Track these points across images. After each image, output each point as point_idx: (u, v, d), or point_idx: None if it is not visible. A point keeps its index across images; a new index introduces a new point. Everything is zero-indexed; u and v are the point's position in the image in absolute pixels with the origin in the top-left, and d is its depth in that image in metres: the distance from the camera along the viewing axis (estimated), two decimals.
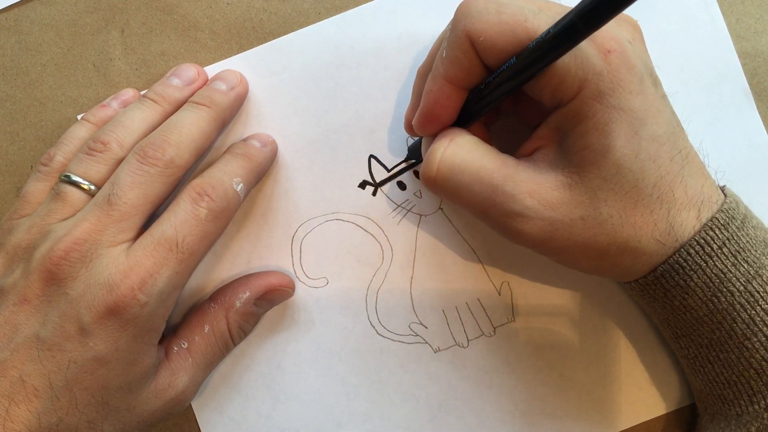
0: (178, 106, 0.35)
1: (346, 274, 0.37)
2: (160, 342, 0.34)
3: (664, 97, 0.30)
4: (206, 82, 0.37)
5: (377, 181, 0.37)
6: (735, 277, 0.29)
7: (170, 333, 0.35)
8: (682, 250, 0.29)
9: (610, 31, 0.28)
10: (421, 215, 0.37)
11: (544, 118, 0.30)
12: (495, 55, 0.28)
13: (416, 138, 0.37)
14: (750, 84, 0.37)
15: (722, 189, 0.31)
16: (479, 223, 0.37)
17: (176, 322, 0.36)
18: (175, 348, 0.34)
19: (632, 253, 0.29)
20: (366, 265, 0.37)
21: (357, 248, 0.37)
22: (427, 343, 0.37)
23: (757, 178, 0.37)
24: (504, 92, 0.29)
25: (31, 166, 0.38)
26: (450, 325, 0.37)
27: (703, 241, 0.29)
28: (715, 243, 0.29)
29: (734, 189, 0.32)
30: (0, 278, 0.32)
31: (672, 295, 0.30)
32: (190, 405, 0.38)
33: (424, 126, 0.31)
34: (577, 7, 0.24)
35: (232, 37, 0.38)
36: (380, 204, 0.37)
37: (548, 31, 0.26)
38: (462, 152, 0.30)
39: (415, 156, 0.37)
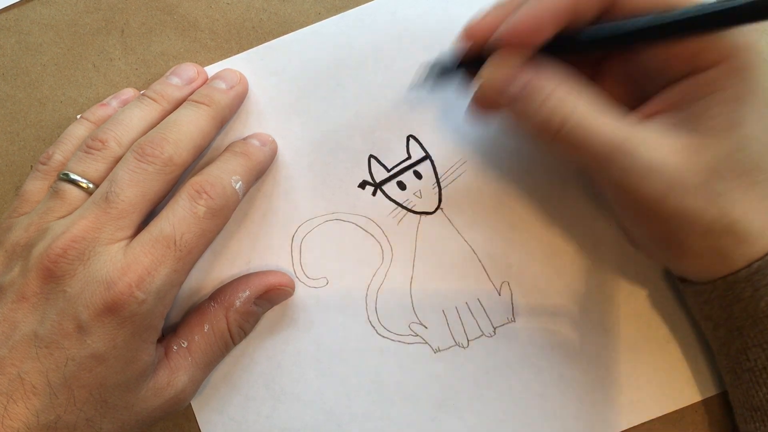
0: (178, 105, 0.35)
1: (346, 274, 0.37)
2: (160, 341, 0.34)
3: None
4: (206, 81, 0.37)
5: (377, 181, 0.37)
6: None
7: (170, 332, 0.35)
8: None
9: None
10: (421, 215, 0.37)
11: (636, 87, 0.29)
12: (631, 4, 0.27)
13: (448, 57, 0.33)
14: None
15: None
16: (479, 223, 0.37)
17: (176, 321, 0.36)
18: (175, 347, 0.34)
19: (734, 237, 0.28)
20: (366, 265, 0.37)
21: (357, 248, 0.37)
22: (427, 343, 0.37)
23: None
24: (624, 45, 0.27)
25: (31, 166, 0.38)
26: (450, 325, 0.37)
27: None
28: None
29: None
30: None
31: (760, 296, 0.29)
32: (190, 405, 0.38)
33: (511, 36, 0.28)
34: None
35: (232, 37, 0.38)
36: (380, 204, 0.37)
37: (714, 4, 0.24)
38: (584, 106, 0.28)
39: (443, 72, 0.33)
